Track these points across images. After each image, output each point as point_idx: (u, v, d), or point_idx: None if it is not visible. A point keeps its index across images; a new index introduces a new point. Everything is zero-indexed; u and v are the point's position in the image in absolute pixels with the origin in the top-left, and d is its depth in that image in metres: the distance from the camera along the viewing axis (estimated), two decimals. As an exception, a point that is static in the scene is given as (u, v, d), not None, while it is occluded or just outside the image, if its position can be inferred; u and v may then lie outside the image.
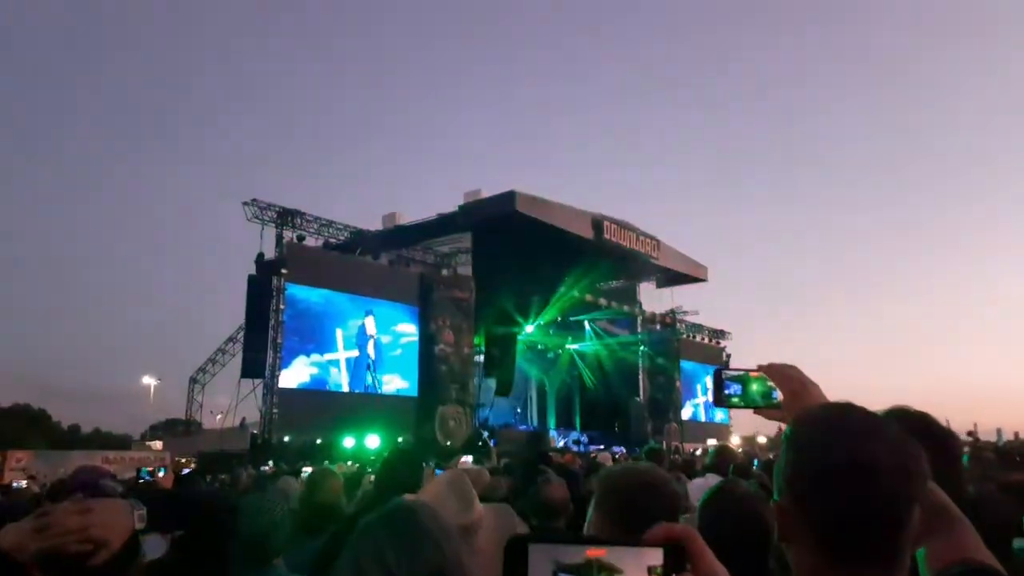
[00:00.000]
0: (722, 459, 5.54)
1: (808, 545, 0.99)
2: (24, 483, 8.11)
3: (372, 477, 6.58)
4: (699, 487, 4.24)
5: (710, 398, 1.67)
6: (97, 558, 1.28)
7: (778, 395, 1.42)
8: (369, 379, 22.05)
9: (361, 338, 21.96)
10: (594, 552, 0.67)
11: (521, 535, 0.71)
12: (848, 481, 0.96)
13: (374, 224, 25.75)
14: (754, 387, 1.46)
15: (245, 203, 20.58)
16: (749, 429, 27.83)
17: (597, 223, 26.21)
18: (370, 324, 22.19)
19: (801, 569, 1.01)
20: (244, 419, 25.47)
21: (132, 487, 5.05)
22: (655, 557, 0.68)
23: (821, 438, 1.01)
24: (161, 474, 4.30)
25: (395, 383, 22.96)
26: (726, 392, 1.48)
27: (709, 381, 1.57)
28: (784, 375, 1.41)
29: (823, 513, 0.97)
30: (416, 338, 23.46)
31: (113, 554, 1.31)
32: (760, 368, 1.46)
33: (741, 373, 1.49)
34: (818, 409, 1.16)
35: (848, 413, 1.07)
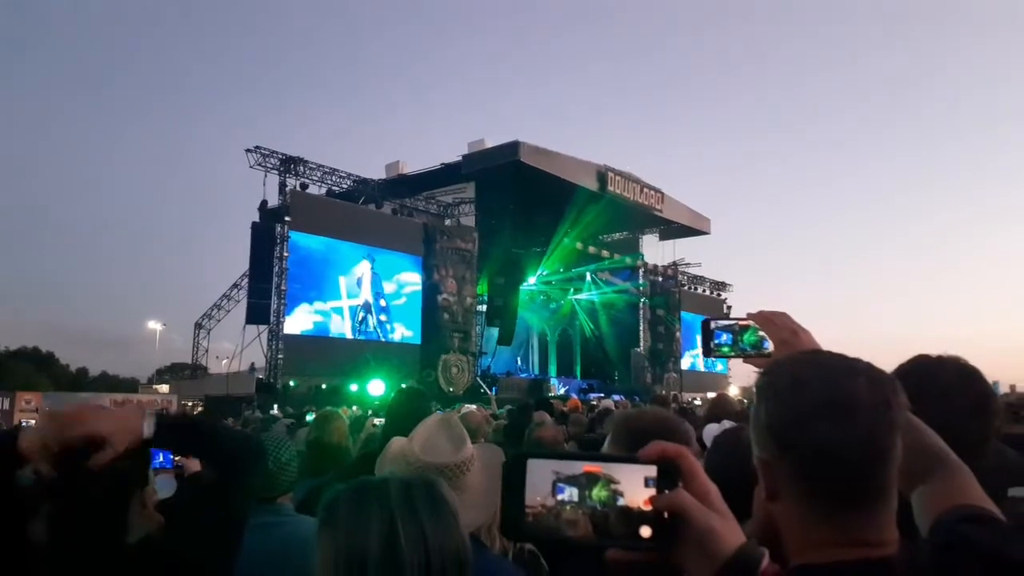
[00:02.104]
0: (719, 408, 5.64)
1: (793, 496, 0.96)
2: (33, 422, 8.18)
3: (375, 421, 6.76)
4: (713, 433, 4.35)
5: (699, 349, 1.68)
6: (102, 456, 1.30)
7: (769, 344, 1.39)
8: (372, 324, 22.21)
9: (363, 286, 22.08)
10: (590, 468, 0.70)
11: (521, 451, 0.74)
12: (829, 419, 0.93)
13: (377, 173, 25.69)
14: (745, 336, 1.44)
15: (248, 150, 20.46)
16: (748, 379, 28.06)
17: (601, 174, 26.07)
18: (368, 271, 22.29)
19: (791, 525, 0.97)
20: (253, 364, 25.78)
21: None
22: (648, 473, 0.71)
23: (796, 381, 0.98)
24: None
25: (399, 331, 23.17)
26: (716, 342, 1.47)
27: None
28: (774, 323, 1.38)
29: (806, 456, 0.94)
30: (420, 287, 23.60)
31: (118, 456, 1.33)
32: (750, 316, 1.44)
33: (731, 323, 1.47)
34: (786, 357, 1.13)
35: (820, 355, 1.06)
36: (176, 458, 3.16)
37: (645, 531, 0.68)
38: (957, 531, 1.02)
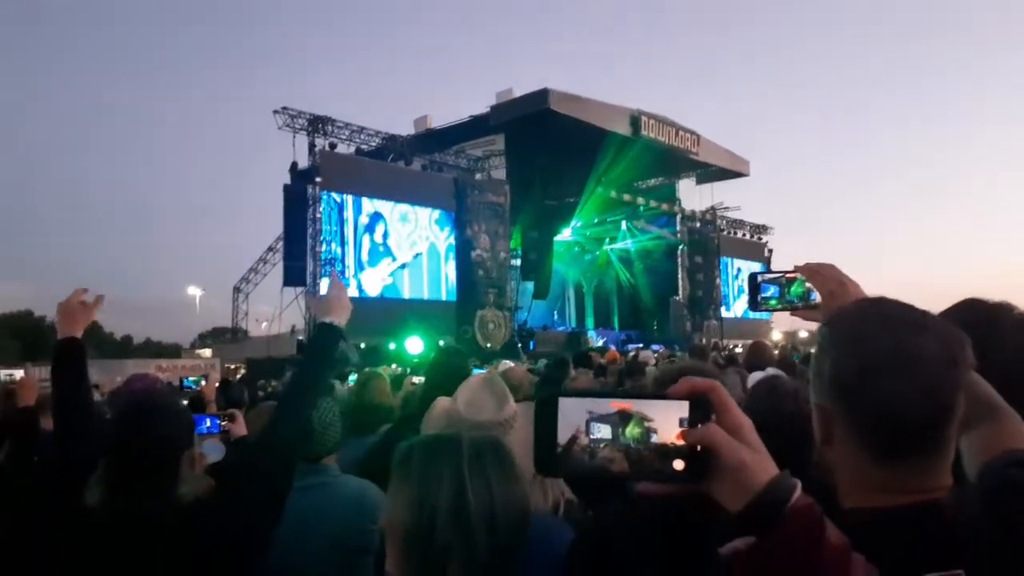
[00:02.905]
0: (756, 356, 5.48)
1: (851, 444, 0.98)
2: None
3: (414, 379, 6.68)
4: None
5: (745, 303, 1.64)
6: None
7: (816, 296, 1.41)
8: (391, 284, 22.17)
9: (390, 245, 22.03)
10: (619, 404, 0.71)
11: (552, 391, 0.74)
12: (895, 373, 0.94)
13: (406, 129, 25.38)
14: (792, 289, 1.46)
15: (276, 111, 20.31)
16: (790, 325, 27.72)
17: (635, 119, 25.43)
18: (400, 229, 22.20)
19: (845, 469, 1.00)
20: (294, 326, 26.07)
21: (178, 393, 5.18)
22: (681, 410, 0.71)
23: (862, 333, 0.99)
24: (203, 383, 4.39)
25: (432, 288, 23.16)
26: (763, 296, 1.49)
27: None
28: (821, 275, 1.40)
29: (868, 410, 0.96)
30: (453, 243, 23.48)
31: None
32: (797, 269, 1.45)
33: (777, 275, 1.48)
34: (852, 306, 1.14)
35: (885, 306, 1.05)
36: (223, 423, 3.13)
37: (678, 464, 0.70)
38: (1006, 474, 1.03)
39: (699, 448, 0.69)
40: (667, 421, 0.71)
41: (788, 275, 1.47)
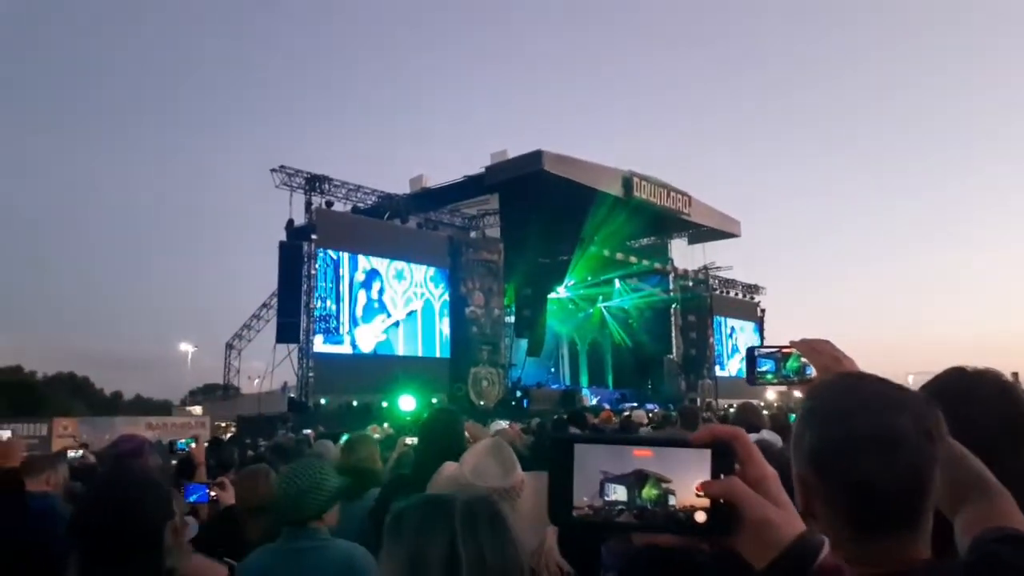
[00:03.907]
0: (744, 417, 5.46)
1: (830, 517, 0.98)
2: (80, 453, 7.92)
3: (408, 440, 6.62)
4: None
5: (744, 373, 1.66)
6: None
7: (812, 371, 1.42)
8: (384, 342, 22.07)
9: (385, 301, 22.05)
10: (640, 452, 0.67)
11: (567, 435, 0.71)
12: (873, 452, 0.96)
13: (401, 188, 25.69)
14: (787, 364, 1.48)
15: (273, 170, 20.58)
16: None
17: (627, 180, 25.85)
18: (395, 286, 22.23)
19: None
20: (286, 383, 25.86)
21: (169, 455, 5.12)
22: (702, 460, 0.68)
23: (842, 409, 1.01)
24: (193, 445, 4.35)
25: (427, 345, 23.10)
26: (760, 370, 1.51)
27: (741, 358, 1.61)
28: (817, 350, 1.41)
29: (847, 485, 0.97)
30: (448, 299, 23.52)
31: None
32: (793, 344, 1.47)
33: (774, 350, 1.51)
34: (834, 380, 1.15)
35: (866, 382, 1.07)
36: (212, 491, 3.09)
37: (700, 516, 0.67)
38: (990, 548, 1.02)
39: (722, 501, 0.67)
40: (686, 480, 0.67)
41: (784, 350, 1.50)
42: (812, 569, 0.65)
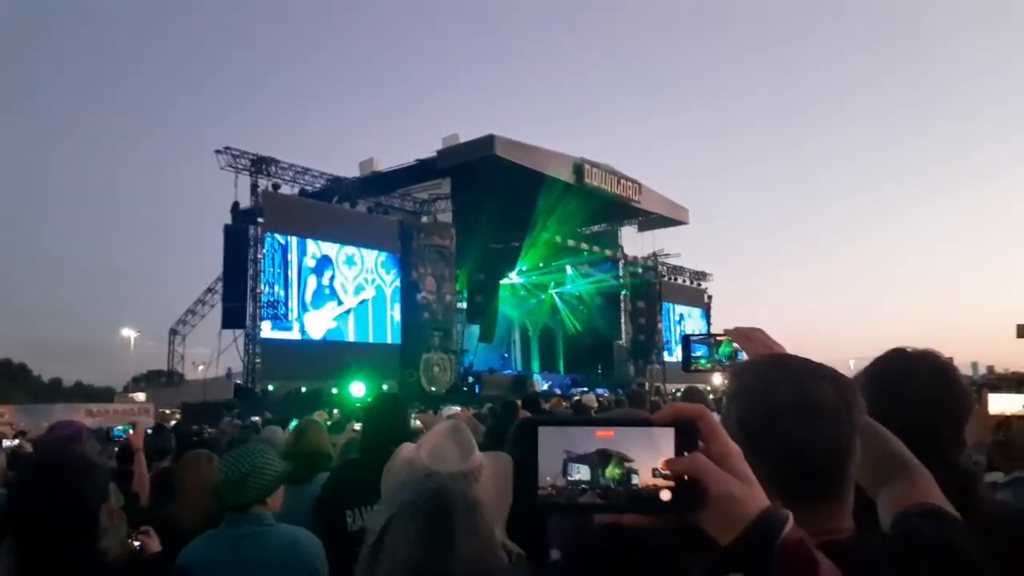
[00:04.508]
0: (690, 400, 5.57)
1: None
2: (16, 442, 7.53)
3: (356, 425, 6.59)
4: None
5: (679, 360, 1.75)
6: None
7: (743, 356, 1.48)
8: (332, 327, 21.85)
9: (336, 287, 21.82)
10: (603, 433, 0.68)
11: (531, 418, 0.74)
12: (797, 420, 0.99)
13: (351, 171, 25.38)
14: (720, 349, 1.55)
15: (218, 151, 20.10)
16: (730, 369, 28.15)
17: (578, 167, 26.00)
18: (346, 271, 22.00)
19: None
20: (230, 369, 25.42)
21: (107, 442, 4.96)
22: (665, 438, 0.68)
23: (765, 382, 1.05)
24: (131, 432, 4.21)
25: (377, 331, 22.94)
26: (693, 355, 1.58)
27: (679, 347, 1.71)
28: (749, 339, 1.47)
29: (775, 451, 0.99)
30: (399, 285, 23.37)
31: None
32: (727, 332, 1.54)
33: (708, 337, 1.58)
34: (758, 360, 1.22)
35: (787, 359, 1.13)
36: (136, 543, 2.95)
37: (665, 495, 0.67)
38: (912, 523, 1.08)
39: (686, 478, 0.67)
40: (648, 460, 0.67)
41: (718, 337, 1.56)
42: (776, 543, 0.65)
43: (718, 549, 0.67)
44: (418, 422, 4.92)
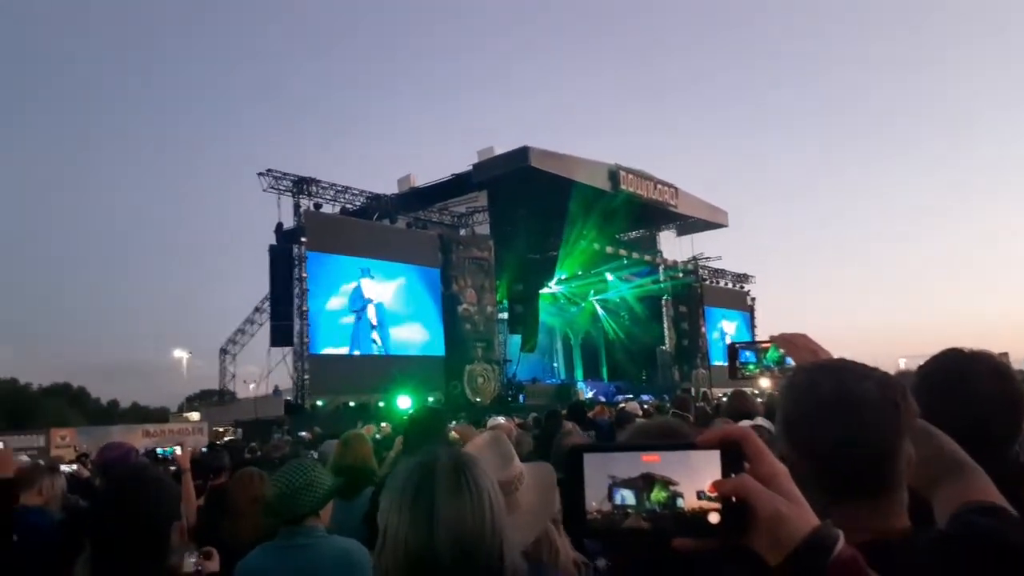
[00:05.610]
0: (736, 404, 5.50)
1: (809, 487, 1.01)
2: (75, 467, 7.64)
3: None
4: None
5: (726, 371, 1.74)
6: None
7: (791, 361, 1.49)
8: (375, 342, 22.04)
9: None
10: (648, 458, 0.68)
11: (577, 444, 0.73)
12: (836, 417, 1.01)
13: (390, 188, 25.74)
14: (767, 355, 1.56)
15: (260, 173, 20.61)
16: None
17: (613, 174, 25.91)
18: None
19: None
20: (277, 386, 25.89)
21: (155, 462, 5.10)
22: (711, 461, 0.68)
23: (811, 381, 1.07)
24: (177, 451, 4.29)
25: (422, 343, 23.17)
26: (741, 362, 1.59)
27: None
28: (795, 344, 1.48)
29: (817, 449, 1.01)
30: (440, 299, 23.59)
31: None
32: (772, 339, 1.54)
33: (754, 344, 1.59)
34: (809, 363, 1.23)
35: (836, 361, 1.15)
36: (196, 559, 3.01)
37: (713, 517, 0.67)
38: (966, 519, 1.07)
39: (734, 499, 0.66)
40: (695, 483, 0.67)
41: (764, 344, 1.57)
42: (827, 563, 0.64)
43: (769, 570, 0.66)
44: (454, 433, 4.99)
